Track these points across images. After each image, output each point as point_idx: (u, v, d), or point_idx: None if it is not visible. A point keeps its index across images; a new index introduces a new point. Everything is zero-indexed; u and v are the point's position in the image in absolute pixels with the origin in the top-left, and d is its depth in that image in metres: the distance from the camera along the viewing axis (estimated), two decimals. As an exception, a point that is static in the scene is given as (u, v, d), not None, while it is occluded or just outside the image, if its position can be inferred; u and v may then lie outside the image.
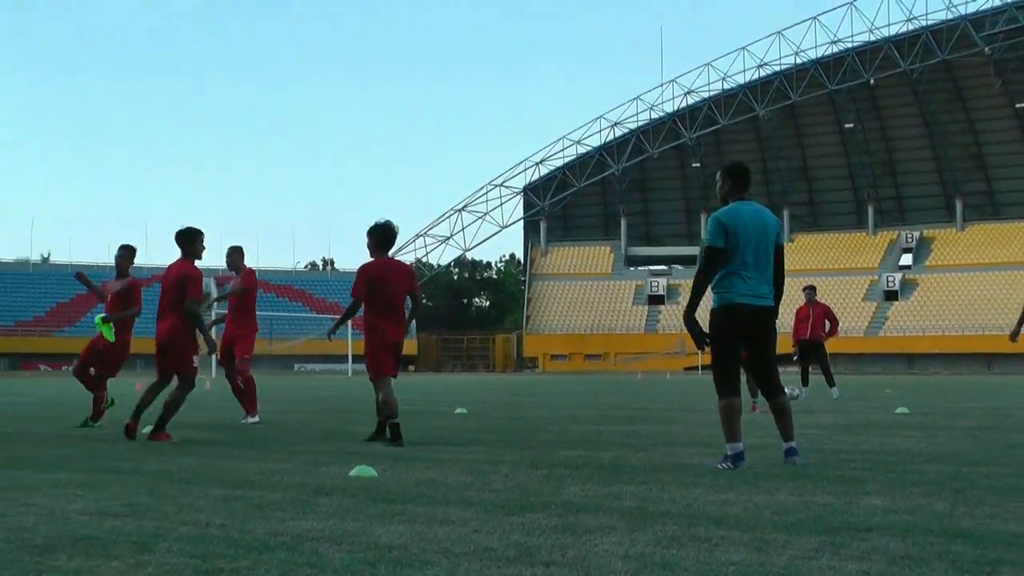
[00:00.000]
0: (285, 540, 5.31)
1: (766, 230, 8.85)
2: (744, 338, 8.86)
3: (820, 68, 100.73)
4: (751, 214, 8.84)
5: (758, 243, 8.78)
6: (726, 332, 8.82)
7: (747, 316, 8.75)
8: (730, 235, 8.73)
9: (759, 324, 8.81)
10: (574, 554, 4.93)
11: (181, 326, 12.13)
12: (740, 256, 8.73)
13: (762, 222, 8.85)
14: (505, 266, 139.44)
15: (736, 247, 8.73)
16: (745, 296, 8.73)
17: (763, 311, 8.80)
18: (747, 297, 8.73)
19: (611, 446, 10.85)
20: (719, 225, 8.77)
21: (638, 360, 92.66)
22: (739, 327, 8.79)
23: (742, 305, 8.73)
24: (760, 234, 8.80)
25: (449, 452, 10.22)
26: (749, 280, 8.74)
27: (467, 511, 6.27)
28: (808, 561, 4.76)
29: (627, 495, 6.97)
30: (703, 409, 18.65)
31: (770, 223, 8.92)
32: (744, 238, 8.74)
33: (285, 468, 8.73)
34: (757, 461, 9.12)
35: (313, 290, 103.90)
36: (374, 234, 11.86)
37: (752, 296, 8.75)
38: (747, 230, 8.75)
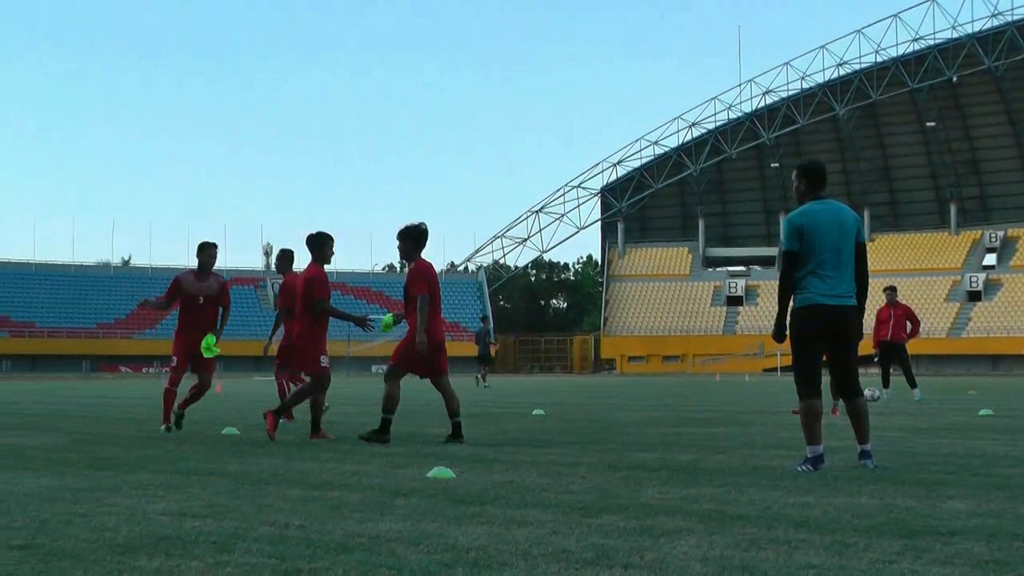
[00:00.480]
0: (363, 541, 5.34)
1: (845, 228, 8.76)
2: (825, 338, 8.78)
3: (901, 66, 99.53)
4: (827, 212, 8.77)
5: (836, 242, 8.71)
6: (806, 332, 8.77)
7: (827, 316, 8.68)
8: (805, 237, 8.71)
9: (839, 324, 8.72)
10: (652, 556, 4.91)
11: (309, 327, 12.61)
12: (818, 256, 8.68)
13: (840, 220, 8.77)
14: (583, 267, 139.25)
15: (812, 248, 8.68)
16: (824, 296, 8.67)
17: (843, 310, 8.72)
18: (826, 297, 8.67)
19: (689, 448, 10.80)
20: (792, 228, 8.77)
21: (716, 362, 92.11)
22: (819, 327, 8.72)
23: (822, 305, 8.67)
24: (839, 233, 8.72)
25: (527, 454, 10.22)
26: (828, 280, 8.68)
27: (545, 513, 6.27)
28: (889, 565, 4.71)
29: (705, 497, 6.93)
30: (782, 411, 18.50)
31: (848, 220, 8.81)
32: (820, 238, 8.68)
33: (363, 470, 8.78)
34: (837, 464, 9.03)
35: (390, 292, 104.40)
36: (415, 237, 12.13)
37: (831, 296, 8.68)
38: (823, 229, 8.69)
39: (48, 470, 8.83)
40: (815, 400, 8.75)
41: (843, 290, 8.73)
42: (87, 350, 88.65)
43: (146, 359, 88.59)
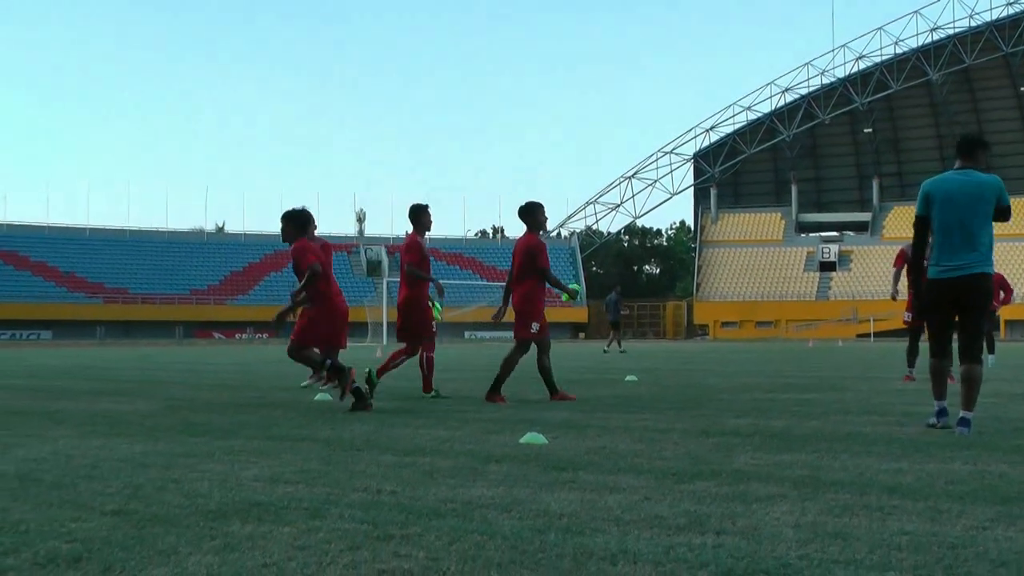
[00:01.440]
0: (455, 507, 5.39)
1: (980, 195, 8.92)
2: (947, 308, 9.12)
3: (995, 30, 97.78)
4: (960, 182, 9.02)
5: (967, 210, 8.90)
6: (929, 302, 9.20)
7: (947, 288, 8.99)
8: (931, 203, 9.06)
9: (961, 293, 8.97)
10: (744, 523, 4.91)
11: (532, 294, 12.98)
12: (944, 224, 8.97)
13: (973, 187, 8.95)
14: (676, 233, 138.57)
15: (939, 215, 9.00)
16: (945, 269, 8.97)
17: (965, 281, 8.94)
18: (947, 270, 8.95)
19: (782, 414, 10.74)
20: (922, 194, 9.18)
21: (809, 328, 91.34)
22: (940, 298, 9.07)
23: (942, 279, 8.99)
24: (970, 201, 8.91)
25: (619, 420, 10.23)
26: (954, 249, 8.93)
27: (637, 479, 6.28)
28: (983, 531, 4.67)
29: (798, 464, 6.91)
30: (876, 377, 18.33)
31: (986, 186, 8.95)
32: (946, 205, 8.96)
33: (456, 436, 8.84)
34: (929, 430, 8.96)
35: (484, 258, 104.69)
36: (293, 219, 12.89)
37: (953, 268, 8.94)
38: (951, 197, 8.96)
39: (142, 436, 8.95)
40: (939, 360, 9.33)
41: (970, 259, 8.93)
42: (180, 316, 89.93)
43: (239, 325, 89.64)
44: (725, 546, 4.43)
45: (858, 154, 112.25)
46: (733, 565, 4.10)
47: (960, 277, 8.90)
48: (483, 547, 4.46)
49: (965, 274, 8.90)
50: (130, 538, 4.69)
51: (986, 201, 8.90)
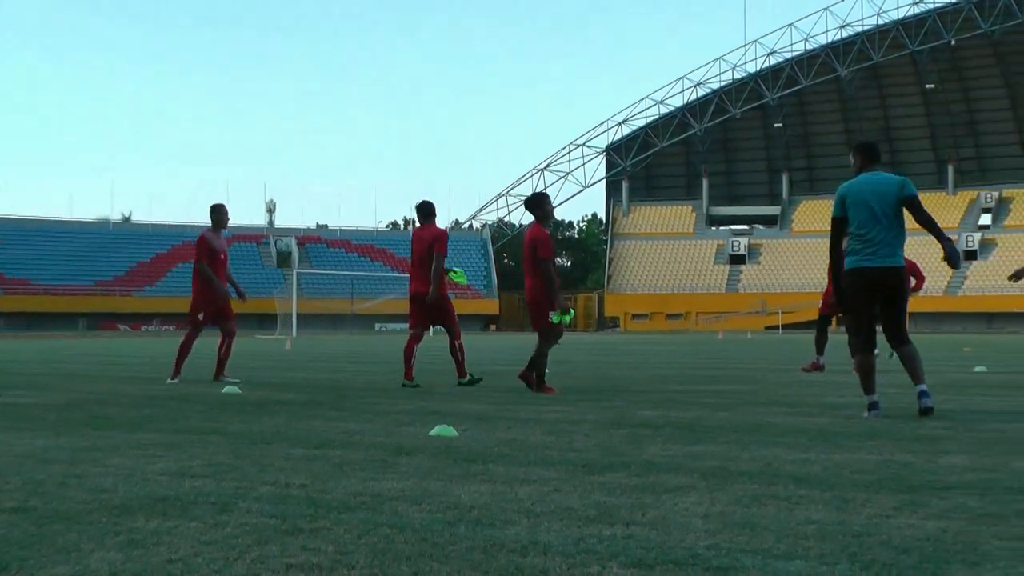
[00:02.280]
0: (365, 500, 5.35)
1: (886, 192, 9.43)
2: (871, 297, 9.50)
3: (902, 29, 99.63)
4: (869, 182, 9.51)
5: (877, 207, 9.38)
6: (854, 291, 9.54)
7: (871, 276, 9.40)
8: (847, 204, 9.50)
9: (884, 283, 9.43)
10: (654, 514, 4.93)
11: (540, 286, 13.16)
12: (862, 221, 9.41)
13: (880, 186, 9.47)
14: (587, 226, 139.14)
15: (856, 214, 9.44)
16: (868, 257, 9.40)
17: (887, 272, 9.41)
18: (869, 259, 9.39)
19: (692, 406, 10.83)
20: (838, 197, 9.62)
21: (719, 320, 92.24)
22: (865, 286, 9.46)
23: (865, 268, 9.41)
24: (879, 198, 9.41)
25: (530, 412, 10.24)
26: (872, 243, 9.38)
27: (548, 471, 6.29)
28: (887, 520, 4.74)
29: (708, 454, 6.96)
30: (785, 369, 18.55)
31: (890, 185, 9.48)
32: (862, 204, 9.42)
33: (367, 428, 8.79)
34: (837, 420, 9.09)
35: (395, 249, 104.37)
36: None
37: (874, 258, 9.38)
38: (863, 196, 9.44)
39: (44, 431, 8.76)
40: (863, 355, 9.58)
41: (886, 252, 9.41)
42: (85, 308, 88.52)
43: (146, 317, 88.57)
44: (635, 537, 4.44)
45: (768, 148, 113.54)
46: (643, 556, 4.12)
47: (881, 268, 9.36)
48: (393, 540, 4.43)
49: (886, 265, 9.37)
50: (29, 536, 4.57)
51: (895, 197, 9.40)
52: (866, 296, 9.50)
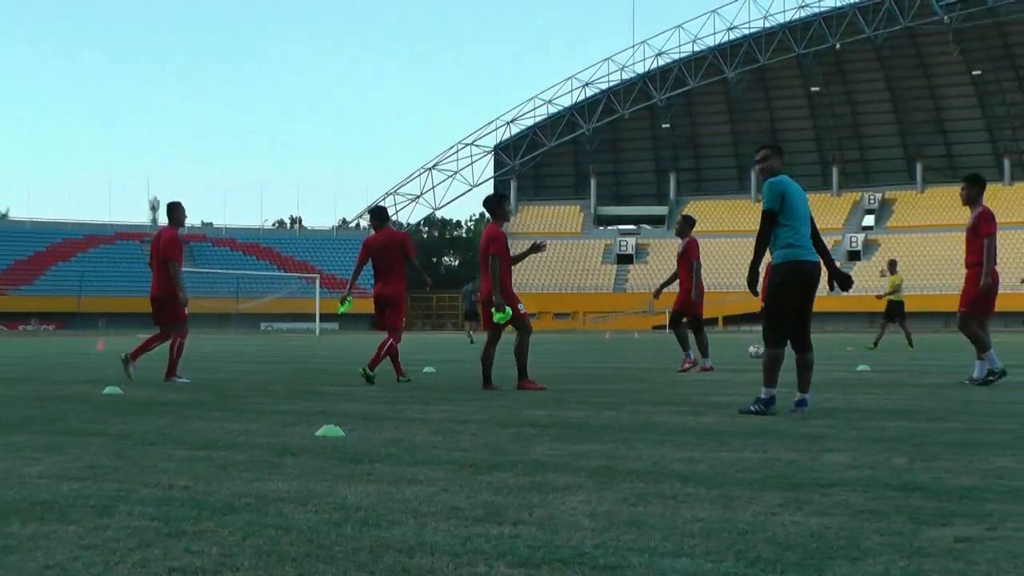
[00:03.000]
0: (250, 501, 5.29)
1: (804, 197, 9.80)
2: (803, 293, 9.65)
3: (788, 32, 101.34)
4: (794, 183, 9.83)
5: (803, 206, 9.69)
6: (787, 286, 9.61)
7: (808, 270, 9.59)
8: (786, 199, 9.64)
9: (813, 281, 9.66)
10: (541, 513, 4.93)
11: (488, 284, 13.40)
12: (799, 217, 9.61)
13: (800, 190, 9.83)
14: (475, 225, 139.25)
15: (793, 209, 9.62)
16: (806, 251, 9.61)
17: (818, 267, 9.66)
18: (808, 252, 9.61)
19: (580, 405, 10.87)
20: (779, 190, 9.69)
21: (607, 319, 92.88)
22: (798, 282, 9.59)
23: (805, 261, 9.58)
24: (802, 198, 9.75)
25: (417, 411, 10.21)
26: (805, 240, 9.62)
27: (435, 471, 6.26)
28: (772, 517, 4.79)
29: (595, 454, 6.98)
30: (672, 368, 18.71)
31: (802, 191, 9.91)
32: (796, 201, 9.67)
33: (252, 429, 8.70)
34: (724, 419, 9.18)
35: (281, 248, 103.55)
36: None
37: (808, 252, 9.62)
38: (795, 193, 9.71)
39: (-78, 432, 8.52)
40: (781, 349, 9.65)
41: (812, 250, 9.64)
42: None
43: (23, 316, 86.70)
44: (522, 536, 4.44)
45: (656, 149, 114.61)
46: (530, 555, 4.11)
47: (816, 263, 9.60)
48: (279, 541, 4.38)
49: (817, 261, 9.62)
50: (-101, 542, 4.44)
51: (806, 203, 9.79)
52: (800, 291, 9.56)
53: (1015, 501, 5.14)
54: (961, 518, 4.74)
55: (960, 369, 17.49)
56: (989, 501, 5.14)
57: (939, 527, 4.56)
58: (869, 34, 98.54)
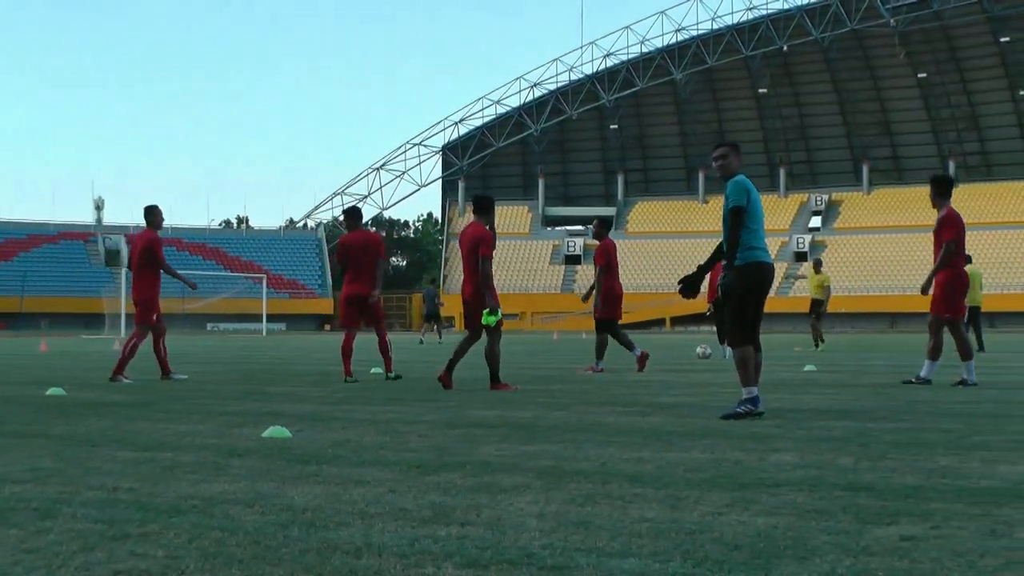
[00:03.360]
0: (196, 503, 5.25)
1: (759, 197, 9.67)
2: (763, 293, 9.61)
3: (736, 34, 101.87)
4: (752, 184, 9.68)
5: (761, 208, 9.61)
6: (752, 286, 9.49)
7: (768, 273, 9.56)
8: (751, 198, 9.51)
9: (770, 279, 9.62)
10: (489, 514, 4.93)
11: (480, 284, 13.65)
12: (757, 216, 9.51)
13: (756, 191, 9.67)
14: (423, 225, 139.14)
15: (755, 208, 9.53)
16: (765, 254, 9.54)
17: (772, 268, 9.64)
18: (766, 255, 9.57)
19: (528, 406, 10.87)
20: (745, 186, 9.53)
21: (555, 320, 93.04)
22: (761, 282, 9.53)
23: (768, 263, 9.55)
24: (759, 201, 9.64)
25: (365, 412, 10.18)
26: (762, 239, 9.57)
27: (383, 471, 6.25)
28: (719, 517, 4.81)
29: (543, 454, 6.98)
30: (619, 369, 18.76)
31: None
32: (756, 200, 9.57)
33: (198, 430, 8.64)
34: (671, 420, 9.21)
35: (227, 248, 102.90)
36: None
37: (768, 254, 9.58)
38: (756, 193, 9.59)
39: None
40: (751, 347, 9.48)
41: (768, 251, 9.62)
42: None
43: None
44: (470, 537, 4.44)
45: (604, 150, 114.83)
46: (478, 556, 4.11)
47: (772, 266, 9.60)
48: (225, 543, 4.35)
49: (772, 263, 9.60)
50: None
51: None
52: (761, 293, 9.52)
53: (959, 500, 5.18)
54: (906, 517, 4.78)
55: (904, 369, 17.63)
56: (933, 500, 5.19)
57: (884, 526, 4.60)
58: (816, 36, 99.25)
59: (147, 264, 15.62)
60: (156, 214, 15.96)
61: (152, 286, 15.77)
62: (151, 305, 15.70)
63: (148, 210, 15.93)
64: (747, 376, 9.40)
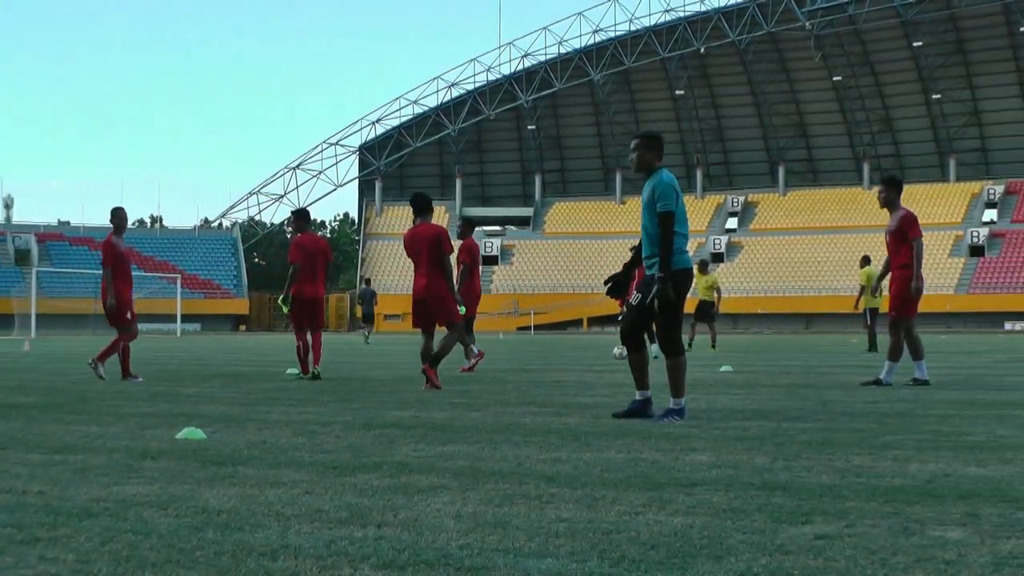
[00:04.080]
0: (108, 506, 5.18)
1: None
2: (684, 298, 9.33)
3: (653, 36, 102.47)
4: None
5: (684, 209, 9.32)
6: (681, 292, 9.25)
7: (691, 276, 9.38)
8: (679, 199, 9.28)
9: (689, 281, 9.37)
10: (406, 515, 4.91)
11: (445, 280, 14.02)
12: (682, 218, 9.27)
13: None
14: (340, 225, 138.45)
15: (681, 211, 9.27)
16: (688, 259, 9.33)
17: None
18: (689, 259, 9.34)
19: (444, 406, 10.85)
20: (675, 187, 9.30)
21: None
22: (686, 288, 9.32)
23: (690, 269, 9.35)
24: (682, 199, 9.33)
25: (280, 413, 10.11)
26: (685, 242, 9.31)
27: (298, 473, 6.21)
28: (636, 516, 4.83)
29: (459, 455, 6.98)
30: (535, 369, 18.81)
31: None
32: (681, 201, 9.29)
33: (109, 432, 8.53)
34: (587, 420, 9.24)
35: (141, 248, 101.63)
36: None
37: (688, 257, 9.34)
38: (680, 197, 9.32)
39: None
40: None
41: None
42: None
43: None
44: (387, 538, 4.42)
45: (522, 150, 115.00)
46: (395, 557, 4.09)
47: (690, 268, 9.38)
48: (137, 547, 4.29)
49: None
50: None
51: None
52: (685, 296, 9.31)
53: (872, 499, 5.25)
54: (820, 516, 4.83)
55: (815, 371, 17.85)
56: (847, 499, 5.25)
57: (799, 525, 4.64)
58: (733, 39, 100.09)
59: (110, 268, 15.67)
60: (115, 216, 16.02)
61: (121, 290, 15.73)
62: (122, 307, 15.67)
63: (111, 212, 16.03)
64: (684, 386, 9.30)
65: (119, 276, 15.71)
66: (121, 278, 15.76)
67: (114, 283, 15.56)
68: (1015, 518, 4.76)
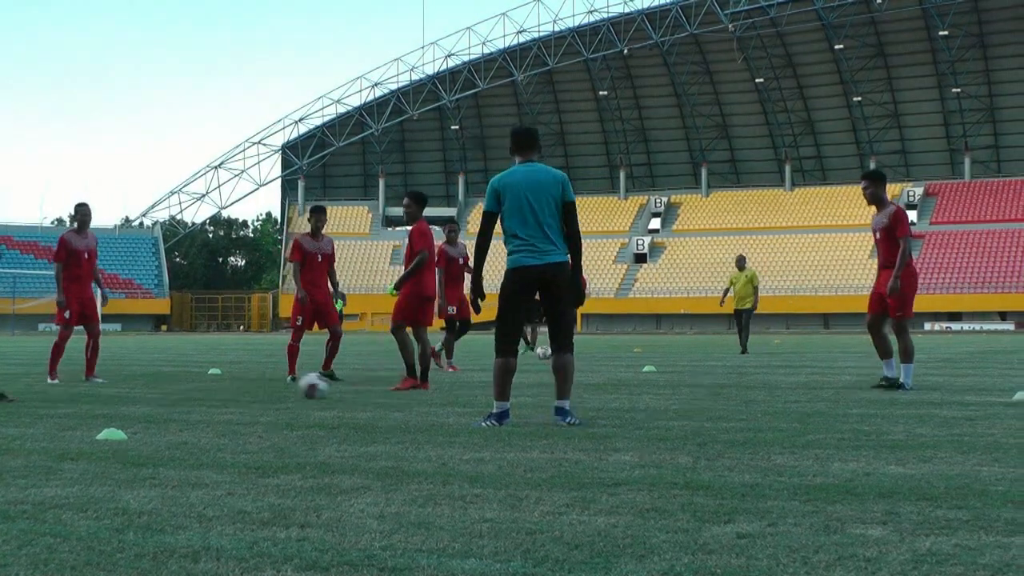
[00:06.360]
0: (26, 509, 5.12)
1: (545, 186, 8.97)
2: (531, 296, 9.04)
3: (577, 37, 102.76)
4: (524, 174, 9.02)
5: (534, 202, 8.91)
6: (508, 293, 9.03)
7: (533, 275, 8.93)
8: (502, 198, 8.99)
9: (548, 281, 8.96)
10: (329, 515, 4.90)
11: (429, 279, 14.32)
12: (520, 216, 8.92)
13: (536, 181, 8.98)
14: (262, 225, 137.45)
15: (513, 207, 8.94)
16: (528, 255, 8.92)
17: (551, 268, 8.94)
18: (530, 256, 8.91)
19: (367, 407, 10.83)
20: (490, 190, 9.10)
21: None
22: (526, 286, 8.98)
23: (527, 266, 8.92)
24: (537, 192, 8.94)
25: (202, 414, 10.03)
26: (533, 239, 8.90)
27: (221, 474, 6.17)
28: (559, 516, 4.85)
29: (383, 455, 6.97)
30: (460, 370, 18.79)
31: (546, 181, 9.00)
32: (518, 198, 8.93)
33: (28, 433, 8.42)
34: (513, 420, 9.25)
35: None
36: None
37: (535, 255, 8.91)
38: (521, 190, 8.93)
39: None
40: (511, 358, 9.04)
41: (546, 247, 8.93)
42: None
43: None
44: (310, 539, 4.41)
45: (445, 150, 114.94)
46: (318, 558, 4.08)
47: (545, 264, 8.92)
48: (56, 550, 4.25)
49: (549, 261, 8.94)
50: None
51: (551, 193, 8.98)
52: (525, 296, 9.07)
53: (794, 498, 5.31)
54: (743, 515, 4.88)
55: (738, 370, 18.01)
56: (769, 498, 5.31)
57: (722, 524, 4.69)
58: (656, 40, 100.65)
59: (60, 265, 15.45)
60: (78, 212, 15.73)
61: (67, 287, 15.47)
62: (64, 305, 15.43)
63: (75, 208, 15.72)
64: (501, 388, 9.02)
65: (67, 273, 15.40)
66: (69, 275, 15.43)
67: (63, 280, 15.33)
68: (934, 516, 4.84)
